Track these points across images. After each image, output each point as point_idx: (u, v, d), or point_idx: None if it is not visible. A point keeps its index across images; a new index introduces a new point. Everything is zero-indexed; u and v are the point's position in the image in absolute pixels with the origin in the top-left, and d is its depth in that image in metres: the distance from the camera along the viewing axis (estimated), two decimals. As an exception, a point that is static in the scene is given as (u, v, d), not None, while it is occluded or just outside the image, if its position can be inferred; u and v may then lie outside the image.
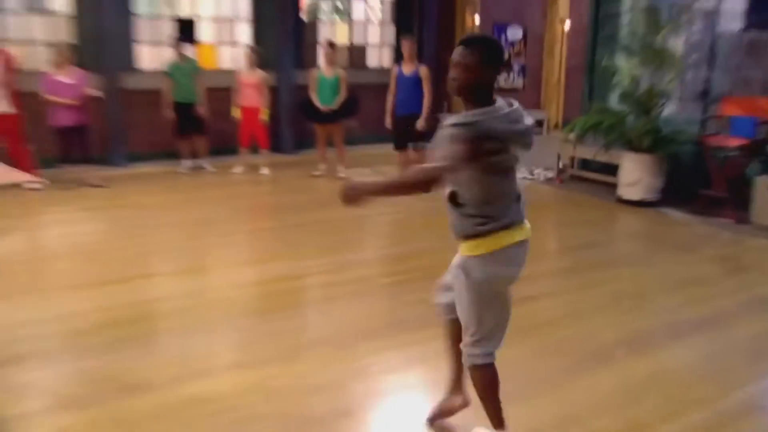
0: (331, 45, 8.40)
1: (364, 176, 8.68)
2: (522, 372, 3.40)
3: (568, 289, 4.87)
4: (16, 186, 7.71)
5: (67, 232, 6.33)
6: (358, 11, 11.15)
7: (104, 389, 3.23)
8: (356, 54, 11.19)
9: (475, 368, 2.59)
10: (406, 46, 7.60)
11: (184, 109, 8.65)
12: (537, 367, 3.55)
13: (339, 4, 11.02)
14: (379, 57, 11.13)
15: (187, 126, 8.76)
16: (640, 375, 3.50)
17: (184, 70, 8.63)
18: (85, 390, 3.24)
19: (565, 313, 4.38)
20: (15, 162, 7.74)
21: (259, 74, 8.61)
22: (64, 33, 9.02)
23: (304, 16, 10.64)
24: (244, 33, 10.24)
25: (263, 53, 9.96)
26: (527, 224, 2.52)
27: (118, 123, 9.24)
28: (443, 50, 11.38)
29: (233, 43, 10.15)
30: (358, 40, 11.16)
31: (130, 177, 8.69)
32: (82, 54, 9.11)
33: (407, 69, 7.56)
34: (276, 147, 9.99)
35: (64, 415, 3.03)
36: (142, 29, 9.47)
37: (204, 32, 10.01)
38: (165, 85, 8.62)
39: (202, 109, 8.70)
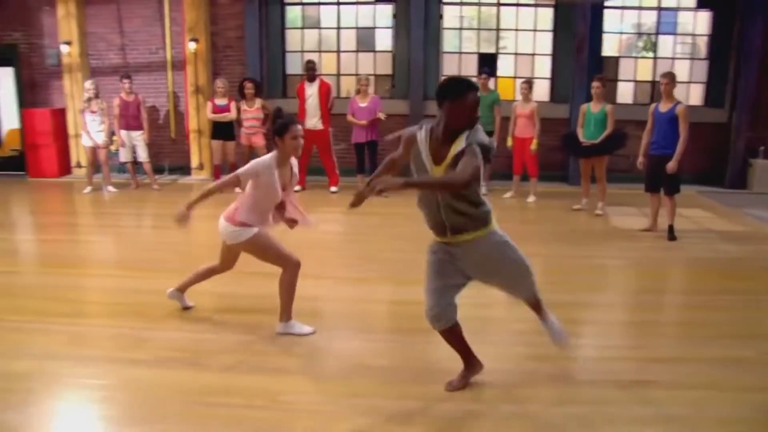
0: (600, 80, 8.50)
1: (626, 215, 8.61)
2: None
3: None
4: (324, 187, 9.80)
5: (329, 230, 7.69)
6: (666, 47, 10.81)
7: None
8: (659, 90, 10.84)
9: None
10: (662, 83, 7.34)
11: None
12: None
13: (651, 39, 10.85)
14: (686, 94, 10.60)
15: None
16: None
17: (485, 101, 9.64)
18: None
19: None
20: (324, 168, 9.83)
21: (532, 106, 9.18)
22: (384, 67, 10.90)
23: (614, 51, 10.78)
24: (544, 67, 10.85)
25: (559, 87, 10.53)
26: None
27: (417, 144, 10.73)
28: (765, 89, 10.33)
29: (532, 77, 10.83)
30: (665, 76, 10.79)
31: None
32: (395, 84, 10.90)
33: (663, 106, 7.30)
34: (562, 177, 10.46)
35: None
36: (449, 63, 10.82)
37: (505, 66, 10.95)
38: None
39: (496, 138, 9.59)
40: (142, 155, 10.10)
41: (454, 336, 3.54)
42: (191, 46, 10.52)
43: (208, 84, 10.65)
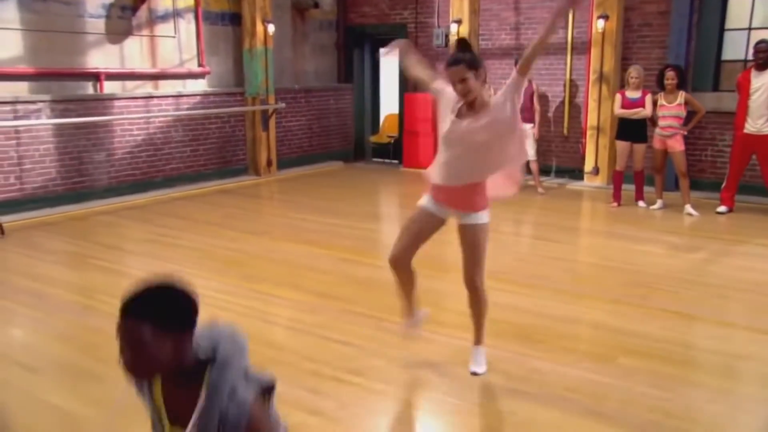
0: None
1: None
2: None
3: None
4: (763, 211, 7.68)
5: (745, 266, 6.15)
6: None
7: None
8: None
9: None
10: None
11: None
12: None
13: None
14: None
15: None
16: None
17: None
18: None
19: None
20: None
21: None
22: None
23: None
24: None
25: None
26: None
27: None
28: None
29: None
30: None
31: None
32: None
33: None
34: None
35: None
36: None
37: None
38: None
39: None
40: (530, 153, 9.09)
41: None
42: (599, 24, 9.19)
43: (614, 71, 9.19)
